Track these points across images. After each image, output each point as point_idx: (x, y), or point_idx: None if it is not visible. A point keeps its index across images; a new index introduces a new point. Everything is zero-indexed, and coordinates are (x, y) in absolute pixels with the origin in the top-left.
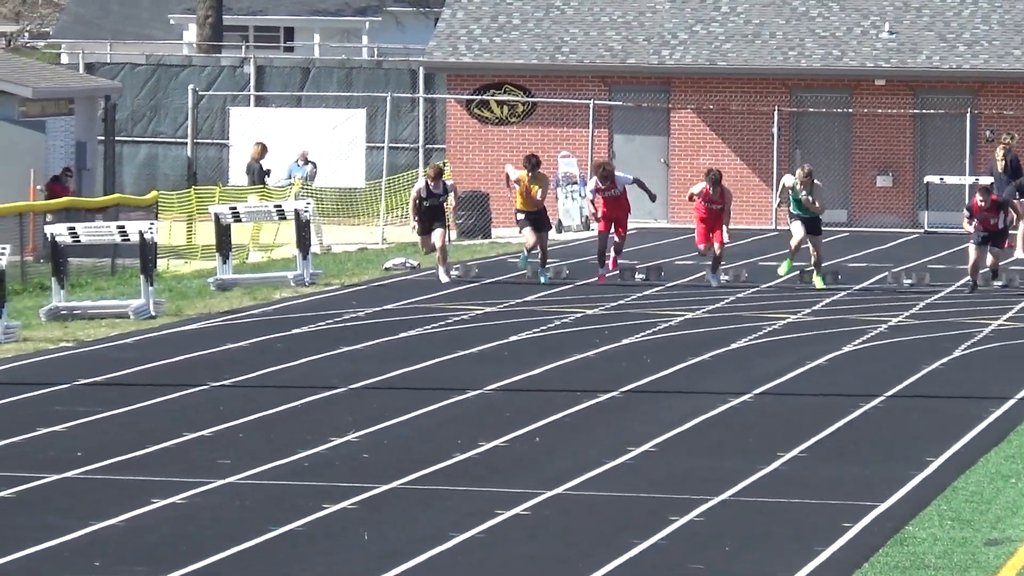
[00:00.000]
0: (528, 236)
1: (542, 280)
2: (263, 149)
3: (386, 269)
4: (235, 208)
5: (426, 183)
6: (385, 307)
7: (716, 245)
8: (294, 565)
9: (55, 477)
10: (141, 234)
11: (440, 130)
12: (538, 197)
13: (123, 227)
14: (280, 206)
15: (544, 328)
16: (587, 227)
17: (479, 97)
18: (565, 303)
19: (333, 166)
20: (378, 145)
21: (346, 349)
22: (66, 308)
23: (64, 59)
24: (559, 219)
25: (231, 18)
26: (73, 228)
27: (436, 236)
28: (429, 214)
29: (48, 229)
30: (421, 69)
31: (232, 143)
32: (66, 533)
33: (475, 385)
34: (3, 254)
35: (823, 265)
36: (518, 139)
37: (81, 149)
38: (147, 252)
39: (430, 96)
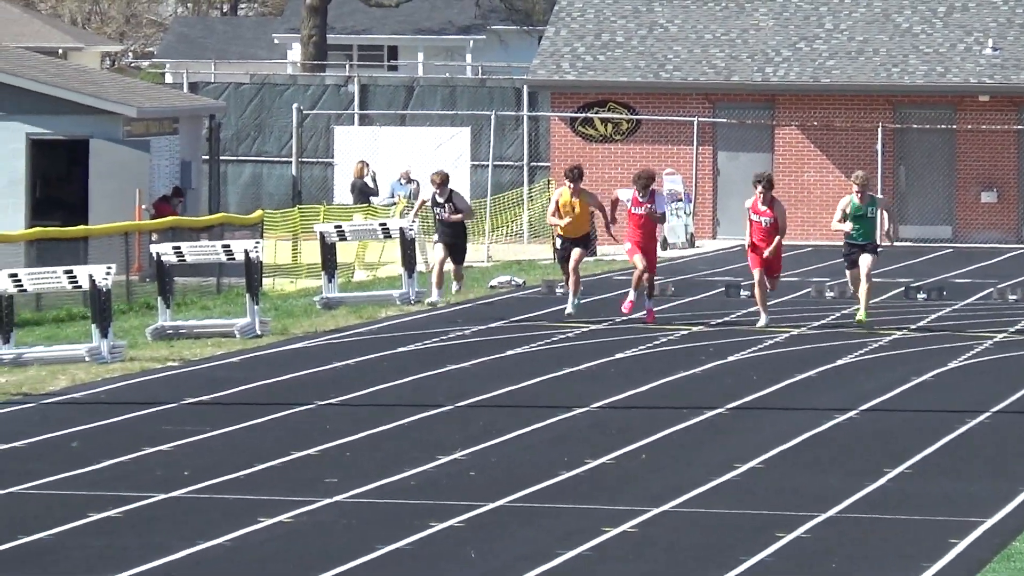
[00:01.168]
0: (564, 268)
1: (570, 309)
2: (364, 167)
3: (491, 287)
4: (340, 227)
5: (432, 193)
6: (490, 325)
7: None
8: None
9: (162, 496)
10: (247, 253)
11: (544, 148)
12: (584, 218)
13: (228, 246)
14: (385, 224)
15: (650, 345)
16: (692, 244)
17: (583, 115)
18: (671, 321)
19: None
20: (482, 163)
21: (452, 367)
22: (172, 327)
23: (168, 79)
24: (663, 236)
25: (335, 37)
26: (179, 247)
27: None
28: (443, 226)
29: (154, 248)
30: (525, 87)
31: (337, 162)
32: (173, 552)
33: (581, 403)
34: (109, 274)
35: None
36: (622, 157)
37: (186, 168)
38: (252, 271)
39: (534, 114)
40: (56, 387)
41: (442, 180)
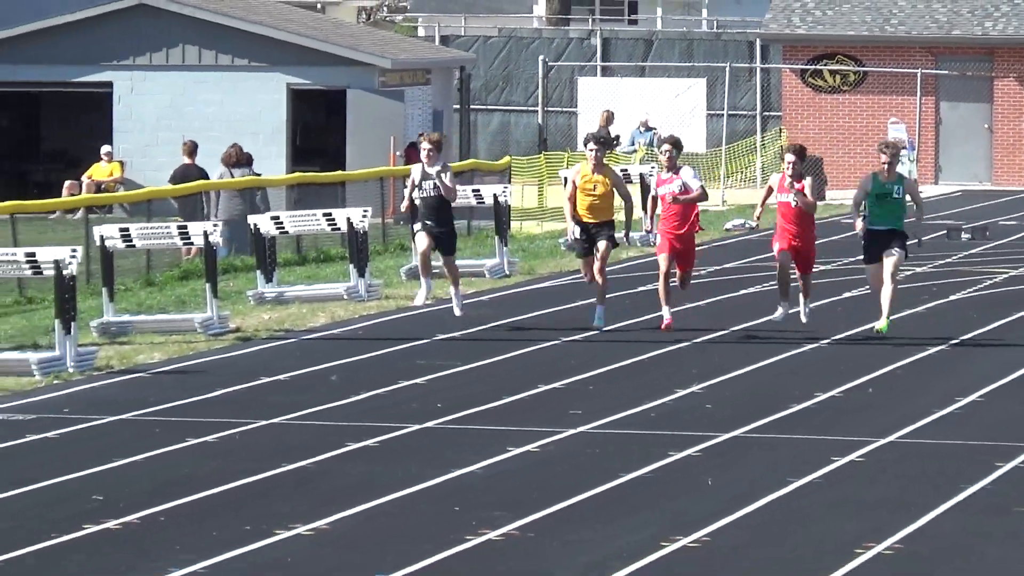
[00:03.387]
0: (584, 267)
1: (597, 322)
2: (610, 116)
3: (726, 230)
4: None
5: (420, 165)
6: (725, 266)
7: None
8: (643, 508)
9: (416, 427)
10: (495, 197)
11: (776, 98)
12: (607, 201)
13: (478, 190)
14: (626, 170)
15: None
16: None
17: (813, 67)
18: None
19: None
20: (717, 112)
21: (690, 306)
22: None
23: (421, 32)
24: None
25: None
26: None
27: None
28: (426, 209)
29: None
30: (758, 40)
31: (580, 111)
32: (427, 480)
33: (813, 338)
34: (365, 217)
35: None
36: (849, 107)
37: (438, 117)
38: (501, 214)
39: (766, 66)
40: (316, 323)
41: (436, 143)
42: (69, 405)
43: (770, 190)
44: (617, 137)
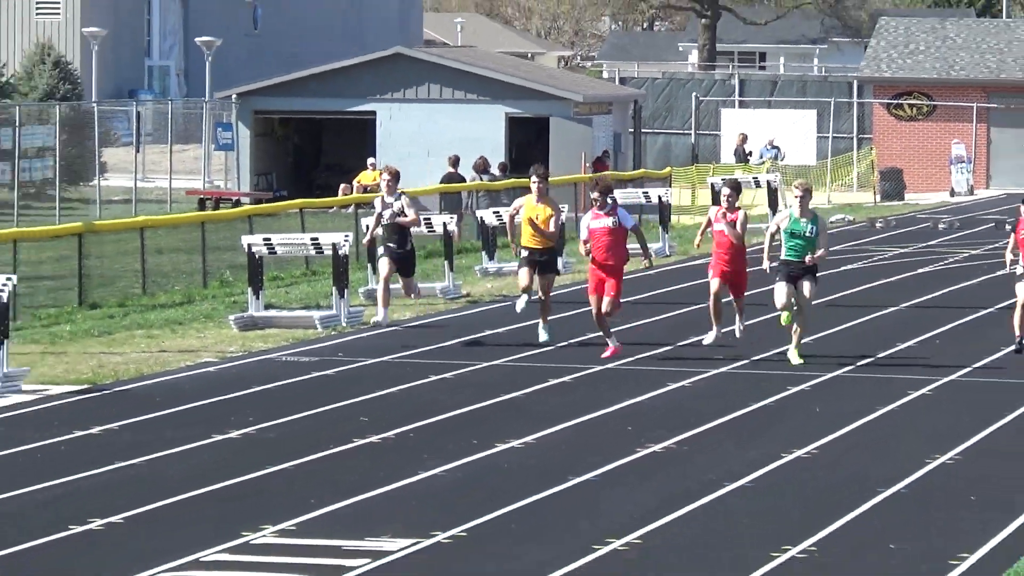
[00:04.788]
0: (523, 277)
1: (542, 338)
2: (744, 138)
3: (831, 222)
4: (724, 178)
5: (380, 196)
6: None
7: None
8: (765, 431)
9: (599, 368)
10: (660, 198)
11: (868, 124)
12: (549, 228)
13: (647, 192)
14: (756, 178)
15: (940, 265)
16: (971, 192)
17: (896, 101)
18: (958, 245)
19: (792, 150)
20: (824, 135)
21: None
22: None
23: (604, 74)
24: (951, 187)
25: (722, 45)
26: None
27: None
28: (387, 236)
29: (593, 195)
30: (855, 81)
31: (722, 134)
32: (608, 406)
33: (887, 304)
34: (562, 212)
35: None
36: (923, 131)
37: (617, 139)
38: (664, 210)
39: (861, 101)
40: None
41: (392, 176)
42: (342, 351)
43: (709, 221)
44: (750, 152)
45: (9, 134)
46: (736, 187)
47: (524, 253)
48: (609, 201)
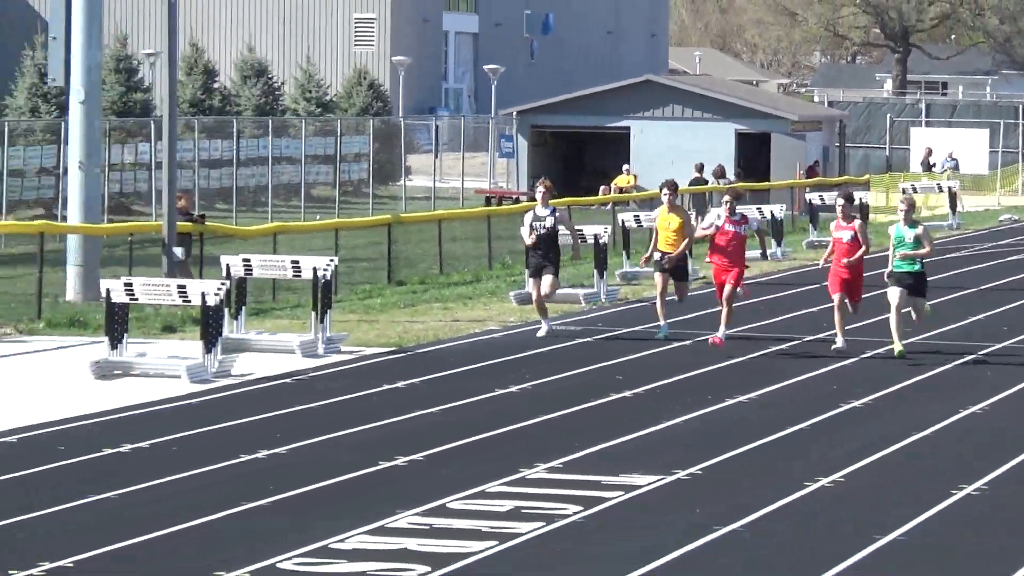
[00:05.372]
0: (659, 280)
1: (661, 335)
2: (930, 151)
3: (1000, 221)
4: (914, 186)
5: (533, 209)
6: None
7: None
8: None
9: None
10: (860, 199)
11: None
12: (680, 236)
13: (852, 194)
14: (939, 184)
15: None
16: None
17: None
18: None
19: (968, 162)
20: (995, 150)
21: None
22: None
23: (815, 98)
24: None
25: (911, 76)
26: (820, 194)
27: (544, 283)
28: (532, 250)
29: (807, 196)
30: (1021, 106)
31: (911, 148)
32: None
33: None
34: (782, 209)
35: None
36: None
37: (826, 151)
38: (863, 209)
39: None
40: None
41: (547, 189)
42: (601, 321)
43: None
44: (934, 163)
45: (332, 143)
46: (848, 197)
47: (656, 256)
48: (738, 212)
